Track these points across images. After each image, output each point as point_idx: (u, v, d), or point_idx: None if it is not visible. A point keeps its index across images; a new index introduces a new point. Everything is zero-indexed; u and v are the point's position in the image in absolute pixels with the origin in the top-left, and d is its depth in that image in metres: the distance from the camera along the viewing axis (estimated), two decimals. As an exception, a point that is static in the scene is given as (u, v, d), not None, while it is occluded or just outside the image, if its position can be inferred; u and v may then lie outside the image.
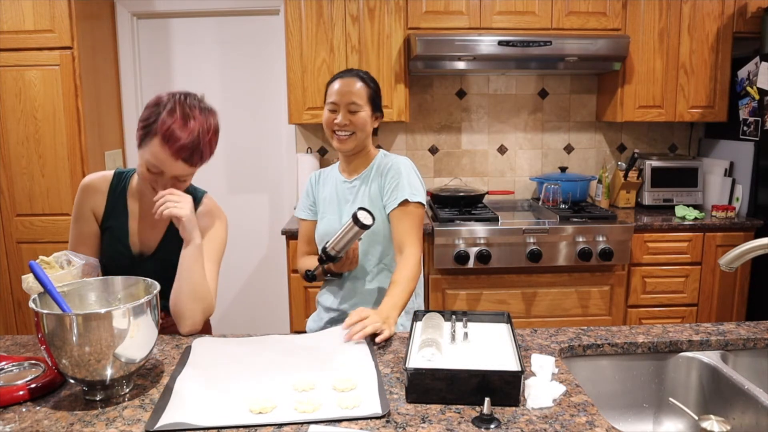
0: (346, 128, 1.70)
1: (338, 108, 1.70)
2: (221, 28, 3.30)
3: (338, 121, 1.69)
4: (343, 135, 1.71)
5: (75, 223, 1.57)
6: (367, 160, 1.81)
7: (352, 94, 1.69)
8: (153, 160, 1.39)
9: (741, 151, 3.03)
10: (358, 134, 1.72)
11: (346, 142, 1.72)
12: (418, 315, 1.41)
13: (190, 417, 1.04)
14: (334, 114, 1.71)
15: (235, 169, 3.40)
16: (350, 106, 1.69)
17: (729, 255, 1.29)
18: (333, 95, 1.71)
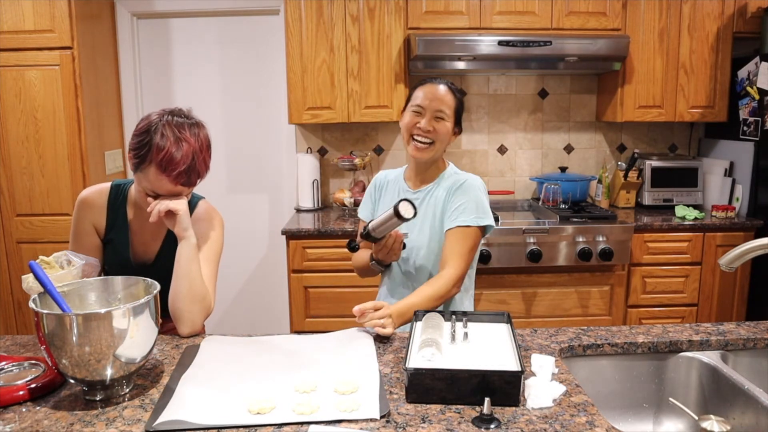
0: (429, 135, 1.61)
1: (424, 112, 1.62)
2: (221, 28, 3.30)
3: (422, 125, 1.61)
4: (423, 143, 1.62)
5: (75, 238, 1.57)
6: (437, 173, 1.72)
7: (441, 101, 1.62)
8: (151, 186, 1.40)
9: (741, 151, 3.03)
10: (437, 145, 1.63)
11: (424, 152, 1.63)
12: (418, 315, 1.41)
13: (190, 416, 1.04)
14: (418, 117, 1.62)
15: (235, 169, 3.40)
16: (437, 113, 1.61)
17: (729, 255, 1.29)
18: (420, 98, 1.63)
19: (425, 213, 1.68)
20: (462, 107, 1.69)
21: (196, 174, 1.42)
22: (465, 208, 1.62)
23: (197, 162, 1.41)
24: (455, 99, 1.65)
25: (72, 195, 2.81)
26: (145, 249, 1.58)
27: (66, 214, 2.83)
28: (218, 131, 3.39)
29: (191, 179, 1.42)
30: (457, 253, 1.60)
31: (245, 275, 3.50)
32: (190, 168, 1.40)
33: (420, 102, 1.62)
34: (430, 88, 1.63)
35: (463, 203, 1.62)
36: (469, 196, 1.63)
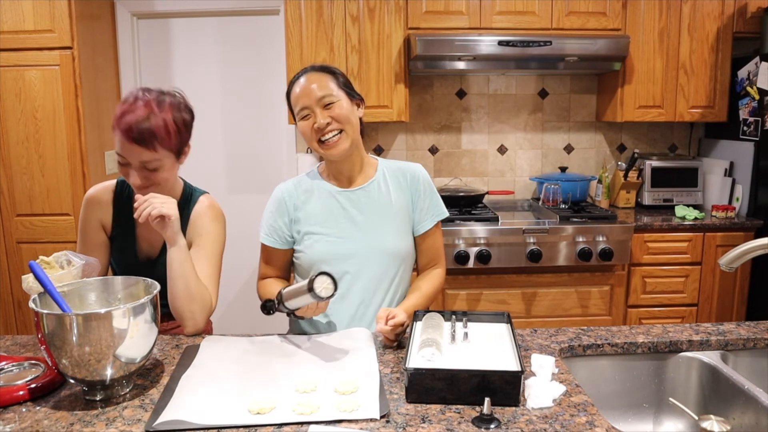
0: (331, 128, 1.47)
1: (311, 111, 1.47)
2: (221, 28, 3.30)
3: (318, 124, 1.46)
4: (332, 137, 1.47)
5: (83, 236, 1.57)
6: (369, 166, 1.60)
7: (317, 89, 1.46)
8: (117, 149, 1.41)
9: (741, 151, 3.03)
10: (347, 129, 1.48)
11: (339, 144, 1.48)
12: (418, 315, 1.41)
13: (190, 416, 1.04)
14: (310, 120, 1.47)
15: (235, 169, 3.40)
16: (323, 101, 1.46)
17: (729, 255, 1.29)
18: (299, 100, 1.48)
19: (376, 209, 1.55)
20: (343, 76, 1.53)
21: (151, 136, 1.38)
22: (433, 203, 1.61)
23: (154, 122, 1.38)
24: (332, 75, 1.50)
25: (72, 195, 2.81)
26: (149, 243, 1.58)
27: (66, 214, 2.83)
28: (218, 131, 3.39)
29: (144, 137, 1.37)
30: (440, 250, 1.62)
31: (245, 275, 3.50)
32: (142, 125, 1.37)
33: (302, 104, 1.47)
34: (301, 85, 1.48)
35: (431, 199, 1.61)
36: (433, 189, 1.62)
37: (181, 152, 1.50)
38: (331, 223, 1.55)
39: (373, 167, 1.61)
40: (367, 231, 1.54)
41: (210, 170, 3.37)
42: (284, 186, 1.62)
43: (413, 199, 1.58)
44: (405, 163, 1.63)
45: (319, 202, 1.57)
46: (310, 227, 1.56)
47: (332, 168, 1.59)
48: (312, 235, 1.55)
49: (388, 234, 1.55)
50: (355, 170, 1.58)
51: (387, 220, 1.55)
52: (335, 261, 1.53)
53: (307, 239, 1.55)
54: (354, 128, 1.51)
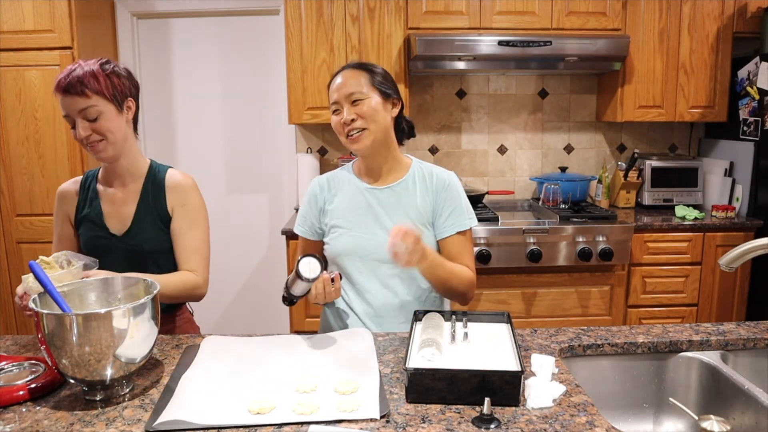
0: (355, 125, 1.49)
1: (341, 106, 1.51)
2: (221, 28, 3.30)
3: (344, 119, 1.49)
4: (355, 133, 1.50)
5: (54, 227, 1.67)
6: (400, 166, 1.60)
7: (351, 85, 1.49)
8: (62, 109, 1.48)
9: (741, 151, 3.03)
10: (371, 127, 1.49)
11: (361, 140, 1.50)
12: (418, 315, 1.41)
13: (190, 416, 1.04)
14: (338, 114, 1.52)
15: (235, 169, 3.40)
16: (352, 97, 1.49)
17: (729, 255, 1.29)
18: (332, 95, 1.53)
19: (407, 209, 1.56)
20: (384, 76, 1.54)
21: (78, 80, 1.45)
22: (460, 211, 1.56)
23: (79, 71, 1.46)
24: (368, 73, 1.52)
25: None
26: (119, 217, 1.59)
27: (66, 214, 2.83)
28: (218, 131, 3.39)
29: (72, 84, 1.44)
30: (471, 256, 1.57)
31: (245, 275, 3.50)
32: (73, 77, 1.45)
33: (333, 99, 1.52)
34: (336, 81, 1.53)
35: (457, 206, 1.56)
36: (460, 196, 1.58)
37: (122, 104, 1.52)
38: (356, 219, 1.57)
39: (405, 167, 1.61)
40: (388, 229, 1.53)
41: (210, 170, 3.38)
42: (319, 179, 1.66)
43: (436, 204, 1.56)
44: (437, 168, 1.62)
45: (347, 197, 1.59)
46: (337, 220, 1.58)
47: (362, 164, 1.62)
48: (337, 228, 1.58)
49: None
50: (384, 168, 1.59)
51: (409, 221, 1.55)
52: (356, 256, 1.56)
53: (333, 232, 1.58)
54: (380, 126, 1.51)
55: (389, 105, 1.54)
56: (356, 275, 1.57)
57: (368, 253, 1.55)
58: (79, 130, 1.47)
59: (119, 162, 1.57)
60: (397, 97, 1.56)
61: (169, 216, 1.59)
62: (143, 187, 1.60)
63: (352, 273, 1.57)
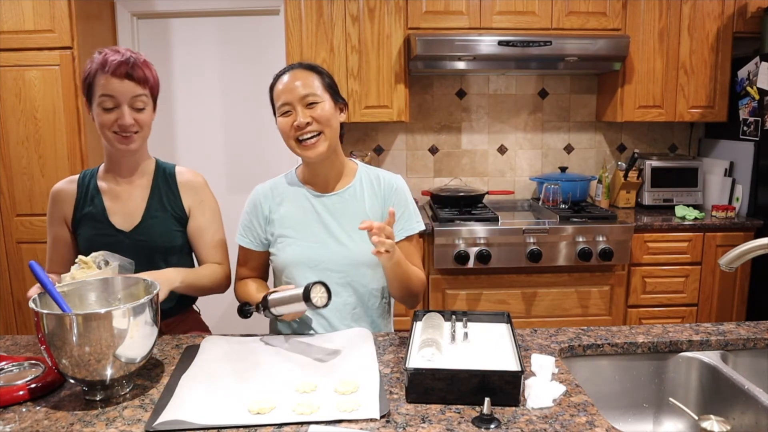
0: (310, 128, 1.44)
1: (293, 108, 1.44)
2: (221, 28, 3.30)
3: (298, 122, 1.43)
4: (310, 138, 1.44)
5: (49, 229, 1.62)
6: (347, 171, 1.57)
7: (302, 86, 1.43)
8: (104, 91, 1.44)
9: (741, 151, 3.03)
10: (326, 132, 1.45)
11: (317, 146, 1.45)
12: (418, 315, 1.40)
13: (190, 416, 1.04)
14: (290, 117, 1.44)
15: (235, 168, 3.40)
16: (306, 100, 1.43)
17: (729, 255, 1.29)
18: (281, 96, 1.44)
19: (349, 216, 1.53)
20: (329, 77, 1.50)
21: (140, 71, 1.45)
22: (408, 215, 1.55)
23: (137, 60, 1.46)
24: (318, 74, 1.47)
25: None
26: (125, 212, 1.56)
27: (66, 214, 2.83)
28: (218, 131, 3.38)
29: (135, 73, 1.45)
30: (418, 261, 1.56)
31: (245, 275, 3.50)
32: (129, 61, 1.44)
33: (284, 100, 1.45)
34: (285, 80, 1.46)
35: (405, 210, 1.55)
36: (408, 200, 1.57)
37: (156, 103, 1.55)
38: (304, 228, 1.53)
39: (351, 173, 1.58)
40: (338, 237, 1.51)
41: (210, 170, 3.36)
42: (260, 188, 1.61)
43: (384, 209, 1.54)
44: (384, 172, 1.60)
45: (293, 206, 1.55)
46: (283, 230, 1.54)
47: (309, 171, 1.56)
48: (285, 238, 1.54)
49: (359, 242, 1.51)
50: (332, 175, 1.55)
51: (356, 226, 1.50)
52: (305, 266, 1.52)
53: (280, 242, 1.55)
54: (333, 132, 1.48)
55: (338, 110, 1.52)
56: None
57: (318, 263, 1.51)
58: (125, 116, 1.45)
59: (134, 156, 1.56)
60: (344, 102, 1.54)
61: (185, 215, 1.60)
62: (153, 183, 1.59)
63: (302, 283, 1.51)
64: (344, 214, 1.53)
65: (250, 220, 1.59)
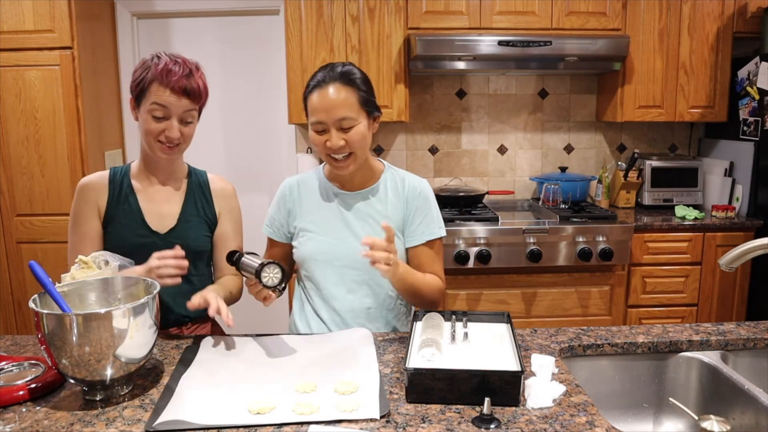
0: (343, 150, 1.44)
1: (327, 129, 1.42)
2: (221, 28, 3.30)
3: (331, 145, 1.42)
4: (341, 158, 1.44)
5: (77, 226, 1.54)
6: (372, 172, 1.57)
7: (338, 108, 1.40)
8: (158, 101, 1.42)
9: (741, 151, 3.03)
10: (358, 153, 1.45)
11: (347, 166, 1.46)
12: (418, 315, 1.40)
13: (190, 416, 1.04)
14: (323, 135, 1.43)
15: (235, 169, 3.40)
16: (342, 123, 1.41)
17: (729, 255, 1.29)
18: (316, 112, 1.42)
19: (370, 216, 1.53)
20: (369, 90, 1.46)
21: (197, 88, 1.45)
22: (430, 220, 1.54)
23: (195, 76, 1.46)
24: (356, 91, 1.42)
25: (72, 195, 2.80)
26: (159, 215, 1.55)
27: (66, 214, 2.79)
28: (218, 131, 3.38)
29: (192, 91, 1.44)
30: (440, 265, 1.56)
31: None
32: (189, 79, 1.44)
33: (318, 118, 1.42)
34: (322, 97, 1.41)
35: (427, 215, 1.54)
36: (431, 205, 1.56)
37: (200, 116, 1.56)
38: (325, 224, 1.55)
39: (377, 173, 1.58)
40: (358, 236, 1.51)
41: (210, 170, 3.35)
42: (288, 181, 1.63)
43: (407, 212, 1.54)
44: (410, 175, 1.59)
45: (318, 202, 1.57)
46: (306, 224, 1.56)
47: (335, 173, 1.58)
48: (306, 232, 1.56)
49: None
50: (357, 176, 1.55)
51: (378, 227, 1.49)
52: (324, 261, 1.54)
53: (302, 236, 1.56)
54: (365, 149, 1.48)
55: (372, 122, 1.50)
56: (323, 281, 1.55)
57: (335, 259, 1.53)
58: (173, 129, 1.45)
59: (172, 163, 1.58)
60: (379, 113, 1.51)
61: (216, 221, 1.61)
62: (188, 187, 1.60)
63: (319, 279, 1.55)
64: (366, 214, 1.54)
65: (276, 212, 1.62)
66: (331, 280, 1.54)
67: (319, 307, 1.58)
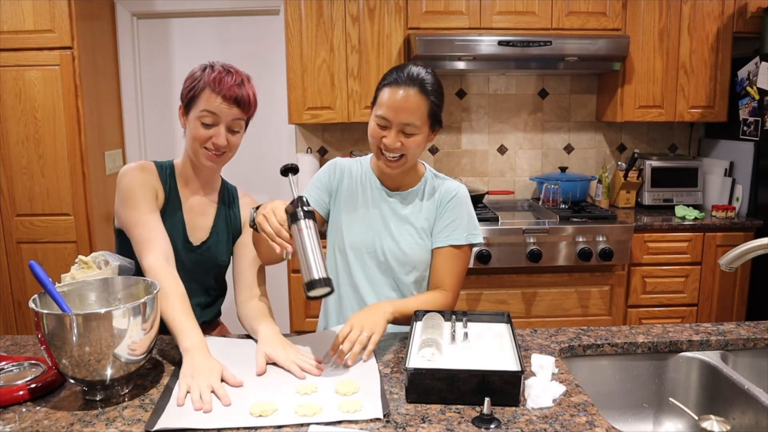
0: (396, 151, 1.43)
1: (390, 125, 1.41)
2: (221, 28, 3.30)
3: (388, 142, 1.42)
4: (392, 157, 1.44)
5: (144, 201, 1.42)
6: (415, 174, 1.57)
7: (407, 112, 1.39)
8: (209, 108, 1.40)
9: (741, 151, 3.03)
10: (409, 158, 1.45)
11: (395, 167, 1.46)
12: (418, 315, 1.41)
13: (190, 419, 1.04)
14: (383, 130, 1.43)
15: (235, 169, 3.38)
16: (405, 128, 1.41)
17: (729, 255, 1.29)
18: (384, 107, 1.41)
19: (403, 217, 1.55)
20: (438, 104, 1.45)
21: (247, 98, 1.43)
22: (458, 224, 1.51)
23: (246, 86, 1.44)
24: (427, 101, 1.42)
25: (72, 195, 2.81)
26: (195, 226, 1.54)
27: (66, 214, 2.83)
28: (218, 131, 3.38)
29: (243, 100, 1.42)
30: (454, 274, 1.51)
31: (245, 275, 3.50)
32: (241, 88, 1.42)
33: (384, 113, 1.41)
34: (394, 96, 1.40)
35: (456, 219, 1.51)
36: (462, 210, 1.52)
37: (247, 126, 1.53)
38: (362, 215, 1.56)
39: (418, 176, 1.58)
40: (392, 232, 1.54)
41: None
42: (341, 161, 1.62)
43: (437, 214, 1.54)
44: (449, 181, 1.58)
45: (360, 191, 1.57)
46: (341, 208, 1.57)
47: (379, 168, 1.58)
48: (341, 216, 1.57)
49: (404, 242, 1.53)
50: (399, 178, 1.55)
51: (411, 228, 1.54)
52: (350, 252, 1.56)
53: (334, 220, 1.58)
54: (417, 156, 1.48)
55: (432, 133, 1.49)
56: (355, 270, 1.56)
57: (366, 249, 1.55)
58: (220, 137, 1.42)
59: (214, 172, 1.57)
60: (440, 125, 1.49)
61: (240, 233, 1.60)
62: (219, 201, 1.59)
63: (352, 267, 1.57)
64: (400, 216, 1.55)
65: (319, 180, 1.60)
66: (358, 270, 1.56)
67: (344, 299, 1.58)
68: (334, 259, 1.60)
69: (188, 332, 1.25)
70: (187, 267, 1.47)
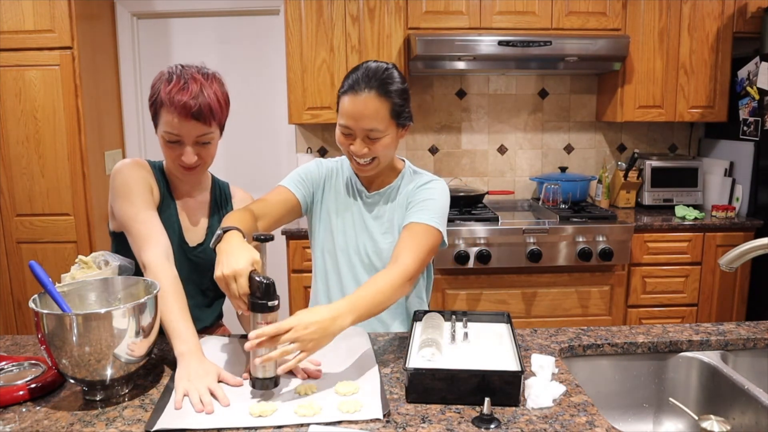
0: (365, 156, 1.42)
1: (353, 133, 1.40)
2: (221, 28, 3.30)
3: (354, 149, 1.41)
4: (364, 162, 1.43)
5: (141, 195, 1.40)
6: (392, 171, 1.56)
7: (368, 119, 1.37)
8: (168, 128, 1.35)
9: (741, 151, 3.03)
10: (381, 160, 1.45)
11: (368, 170, 1.46)
12: (418, 315, 1.41)
13: (190, 419, 1.04)
14: (348, 139, 1.42)
15: (235, 169, 3.40)
16: (369, 134, 1.39)
17: (729, 255, 1.29)
18: (345, 116, 1.39)
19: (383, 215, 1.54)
20: (401, 102, 1.41)
21: (208, 110, 1.34)
22: (425, 206, 1.45)
23: (207, 97, 1.34)
24: (388, 102, 1.38)
25: (72, 195, 2.81)
26: (189, 228, 1.52)
27: (66, 214, 2.83)
28: (218, 131, 3.38)
29: (203, 114, 1.33)
30: (412, 247, 1.38)
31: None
32: (198, 102, 1.32)
33: (345, 122, 1.39)
34: (353, 104, 1.37)
35: (427, 200, 1.46)
36: (435, 196, 1.48)
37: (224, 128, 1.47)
38: (343, 218, 1.56)
39: (395, 173, 1.57)
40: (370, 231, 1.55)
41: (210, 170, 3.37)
42: (326, 161, 1.62)
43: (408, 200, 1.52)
44: (427, 175, 1.56)
45: (342, 192, 1.58)
46: (323, 209, 1.58)
47: None
48: (321, 217, 1.58)
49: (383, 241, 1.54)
50: (376, 176, 1.55)
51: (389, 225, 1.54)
52: (339, 254, 1.56)
53: (319, 222, 1.59)
54: (389, 156, 1.47)
55: (401, 130, 1.46)
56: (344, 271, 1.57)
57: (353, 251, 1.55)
58: (187, 155, 1.36)
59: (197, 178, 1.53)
60: (409, 120, 1.46)
61: None
62: (212, 201, 1.57)
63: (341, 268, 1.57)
64: (378, 213, 1.55)
65: (308, 171, 1.58)
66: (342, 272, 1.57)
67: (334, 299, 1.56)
68: (323, 261, 1.60)
69: (184, 336, 1.23)
70: (184, 268, 1.46)
